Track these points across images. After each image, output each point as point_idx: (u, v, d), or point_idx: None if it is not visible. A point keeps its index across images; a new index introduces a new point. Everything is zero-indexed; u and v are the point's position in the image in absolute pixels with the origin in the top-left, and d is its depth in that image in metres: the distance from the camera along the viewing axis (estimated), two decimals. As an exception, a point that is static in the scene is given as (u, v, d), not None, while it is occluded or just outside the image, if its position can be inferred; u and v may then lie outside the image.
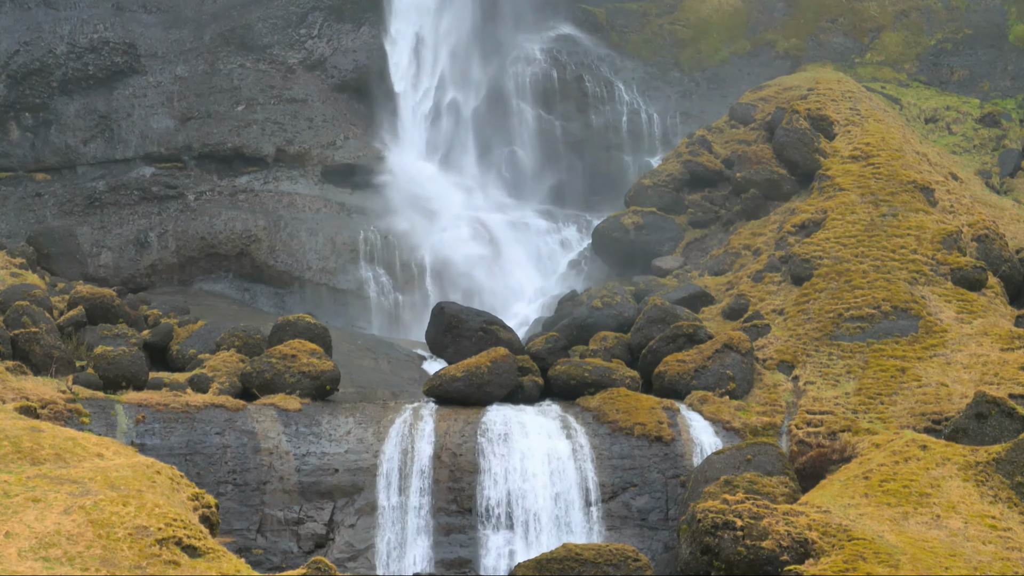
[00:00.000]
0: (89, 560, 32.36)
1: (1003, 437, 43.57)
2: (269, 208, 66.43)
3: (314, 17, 70.28)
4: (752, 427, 47.41)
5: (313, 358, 47.51)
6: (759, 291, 55.69)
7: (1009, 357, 49.45)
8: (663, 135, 73.49)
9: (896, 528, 39.38)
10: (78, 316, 49.93)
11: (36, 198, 65.38)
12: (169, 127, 67.36)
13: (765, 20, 78.31)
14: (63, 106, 66.61)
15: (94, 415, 43.46)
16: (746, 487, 42.49)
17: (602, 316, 53.98)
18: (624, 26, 77.27)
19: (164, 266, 65.11)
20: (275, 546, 43.59)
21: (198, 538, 34.33)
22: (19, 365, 44.96)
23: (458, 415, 46.52)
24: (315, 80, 69.38)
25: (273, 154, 67.77)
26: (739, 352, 49.80)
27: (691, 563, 39.39)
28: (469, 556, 44.14)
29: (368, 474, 44.89)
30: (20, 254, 55.75)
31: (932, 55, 76.21)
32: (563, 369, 49.33)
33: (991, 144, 70.20)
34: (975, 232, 57.01)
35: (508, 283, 66.32)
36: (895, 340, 50.71)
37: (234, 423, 44.84)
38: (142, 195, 65.85)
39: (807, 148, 62.29)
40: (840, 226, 56.53)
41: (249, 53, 69.03)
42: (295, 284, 65.53)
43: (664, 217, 63.31)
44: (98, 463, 37.19)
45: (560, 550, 39.81)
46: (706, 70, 77.24)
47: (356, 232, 66.06)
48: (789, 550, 37.94)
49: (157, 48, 68.23)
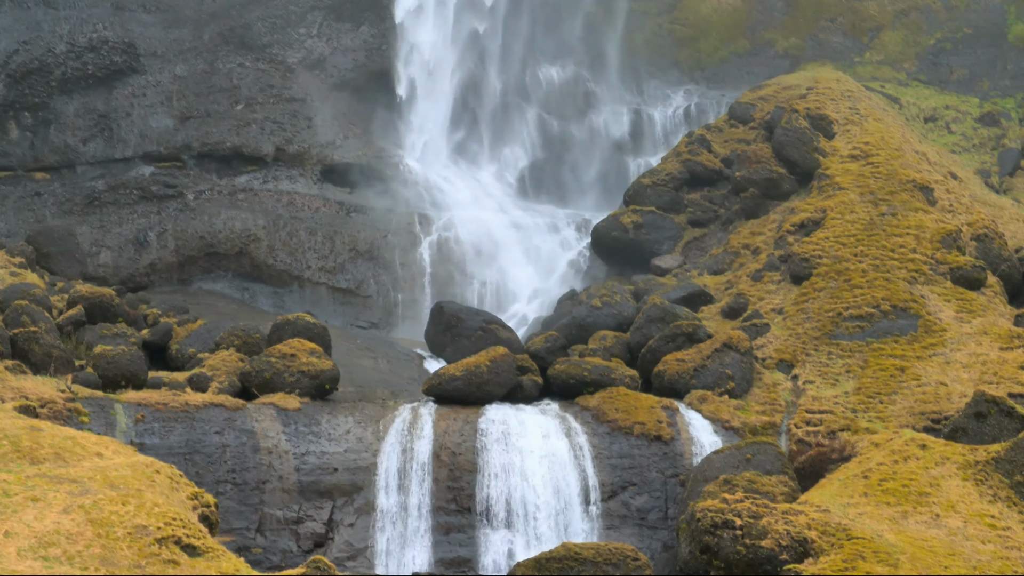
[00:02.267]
0: (88, 559, 32.36)
1: (1002, 436, 43.58)
2: (268, 207, 66.42)
3: (313, 16, 70.26)
4: (751, 426, 47.41)
5: (312, 357, 47.51)
6: (758, 290, 55.70)
7: (1008, 356, 49.46)
8: (662, 134, 73.49)
9: (895, 527, 39.38)
10: (77, 315, 49.91)
11: (35, 197, 65.37)
12: (168, 126, 67.34)
13: (764, 19, 78.32)
14: (62, 105, 66.59)
15: (93, 414, 43.45)
16: (745, 486, 42.48)
17: (601, 315, 53.98)
18: (623, 25, 77.27)
19: (163, 265, 65.10)
20: (274, 545, 43.60)
21: (197, 537, 34.33)
22: (18, 364, 44.94)
23: (457, 414, 46.52)
24: (314, 79, 69.38)
25: (272, 153, 67.77)
26: (738, 351, 49.80)
27: (690, 562, 39.39)
28: (468, 555, 44.14)
29: (367, 473, 44.89)
30: (19, 253, 55.73)
31: (931, 54, 76.21)
32: (562, 368, 49.33)
33: (990, 143, 70.22)
34: (974, 231, 57.02)
35: (507, 282, 66.31)
36: (894, 339, 50.71)
37: (233, 422, 44.84)
38: (141, 194, 65.84)
39: (806, 147, 62.29)
40: (839, 225, 56.53)
41: (248, 52, 69.01)
42: (294, 283, 65.53)
43: (663, 216, 63.31)
44: (97, 462, 37.18)
45: (559, 549, 39.79)
46: (705, 69, 77.26)
47: (355, 231, 66.06)
48: (788, 549, 37.95)
49: (156, 47, 68.20)
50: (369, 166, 68.44)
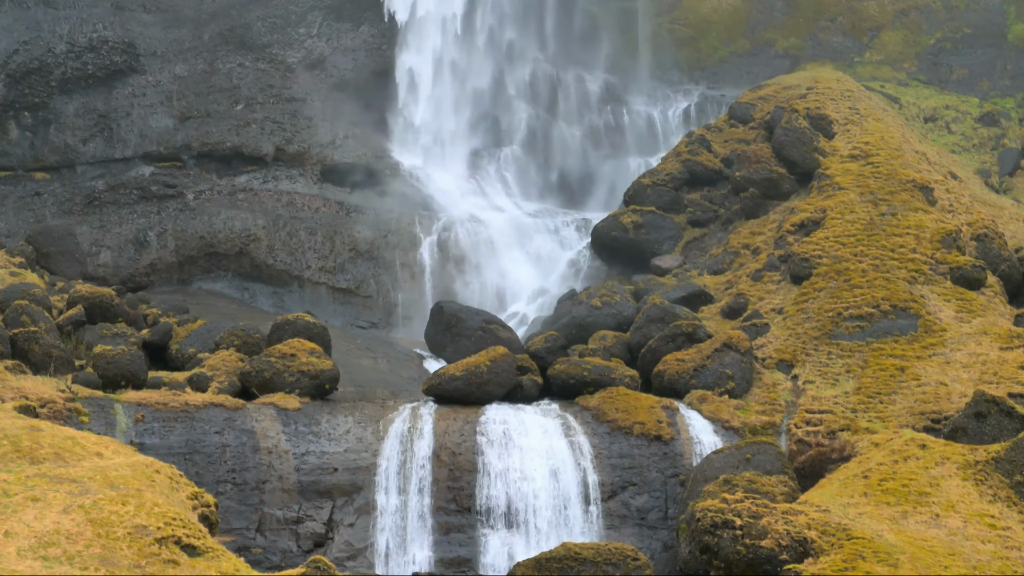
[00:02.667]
0: (88, 559, 32.35)
1: (1002, 436, 43.57)
2: (268, 207, 66.44)
3: (313, 16, 70.28)
4: (751, 426, 47.40)
5: (312, 357, 47.51)
6: (758, 290, 55.70)
7: (1008, 356, 49.45)
8: (662, 134, 73.50)
9: (895, 527, 39.37)
10: (77, 315, 49.91)
11: (35, 197, 65.38)
12: (168, 126, 67.36)
13: (764, 19, 78.33)
14: (62, 105, 66.60)
15: (93, 414, 43.45)
16: (745, 486, 42.47)
17: (601, 315, 53.98)
18: (624, 25, 77.27)
19: (163, 265, 65.11)
20: (274, 545, 43.59)
21: (197, 537, 34.32)
22: (18, 364, 44.93)
23: (457, 414, 46.51)
24: (314, 79, 69.40)
25: (272, 153, 67.79)
26: (738, 351, 49.79)
27: (690, 562, 39.39)
28: (468, 555, 44.14)
29: (367, 473, 44.89)
30: (19, 253, 55.73)
31: (931, 54, 76.22)
32: (562, 368, 49.31)
33: (990, 143, 70.23)
34: (974, 231, 57.02)
35: (507, 282, 66.30)
36: (894, 339, 50.70)
37: (233, 422, 44.83)
38: (141, 194, 65.85)
39: (806, 147, 62.29)
40: (839, 225, 56.53)
41: (248, 52, 69.03)
42: (294, 283, 65.53)
43: (663, 216, 63.30)
44: (97, 462, 37.18)
45: (559, 549, 39.78)
46: (705, 69, 77.28)
47: (355, 231, 66.06)
48: (788, 549, 37.94)
49: (156, 47, 68.22)
50: (369, 166, 68.44)
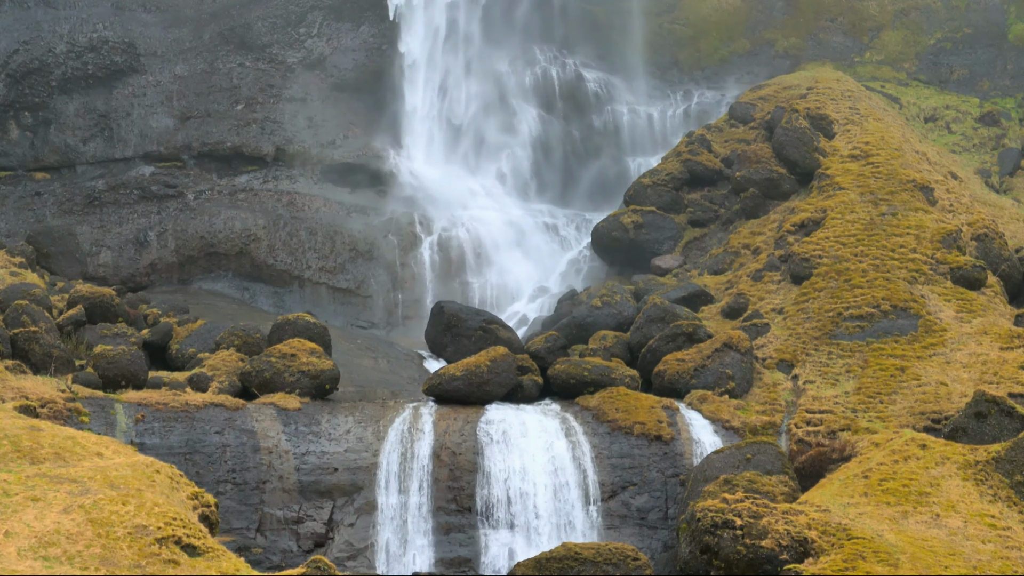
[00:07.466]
0: (88, 559, 32.36)
1: (1002, 436, 43.58)
2: (268, 207, 66.44)
3: (313, 16, 70.28)
4: (751, 426, 47.41)
5: (313, 357, 47.51)
6: (758, 290, 55.70)
7: (1008, 356, 49.46)
8: (662, 134, 73.51)
9: (895, 527, 39.37)
10: (77, 315, 49.92)
11: (35, 197, 65.38)
12: (168, 126, 67.37)
13: (764, 19, 78.33)
14: (62, 105, 66.61)
15: (93, 414, 43.45)
16: (745, 486, 42.48)
17: (601, 315, 53.99)
18: (623, 25, 77.27)
19: (163, 265, 65.12)
20: (274, 545, 43.60)
21: (197, 537, 34.32)
22: (18, 364, 44.94)
23: (458, 414, 46.52)
24: (314, 79, 69.41)
25: (272, 153, 67.79)
26: (738, 351, 49.80)
27: (690, 562, 39.39)
28: (469, 555, 44.14)
29: (368, 473, 44.89)
30: (19, 253, 55.75)
31: (931, 54, 76.22)
32: (562, 368, 49.32)
33: (991, 143, 70.23)
34: (974, 231, 57.03)
35: (507, 282, 66.32)
36: (894, 339, 50.71)
37: (233, 422, 44.83)
38: (141, 194, 65.86)
39: (806, 147, 62.29)
40: (839, 225, 56.54)
41: (248, 52, 69.03)
42: (294, 283, 65.53)
43: (663, 216, 63.31)
44: (97, 462, 37.18)
45: (559, 549, 39.79)
46: (705, 69, 77.28)
47: (355, 231, 66.07)
48: (788, 549, 37.94)
49: (156, 47, 68.24)
50: (369, 166, 68.45)
